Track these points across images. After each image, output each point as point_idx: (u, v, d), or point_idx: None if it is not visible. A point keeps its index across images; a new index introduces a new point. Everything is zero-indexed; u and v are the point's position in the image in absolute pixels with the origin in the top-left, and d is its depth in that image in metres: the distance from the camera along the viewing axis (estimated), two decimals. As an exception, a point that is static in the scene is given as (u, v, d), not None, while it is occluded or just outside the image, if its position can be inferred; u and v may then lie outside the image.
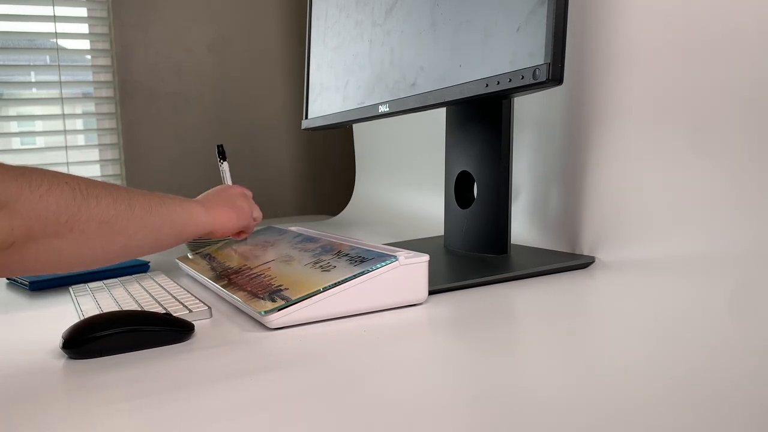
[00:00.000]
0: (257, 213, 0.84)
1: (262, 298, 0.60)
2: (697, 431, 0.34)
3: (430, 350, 0.50)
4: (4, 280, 0.87)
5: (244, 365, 0.48)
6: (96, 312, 0.62)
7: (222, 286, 0.68)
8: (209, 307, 0.63)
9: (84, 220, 0.54)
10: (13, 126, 1.55)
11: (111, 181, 1.59)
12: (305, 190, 1.80)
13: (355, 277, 0.59)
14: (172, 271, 0.90)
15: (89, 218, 0.55)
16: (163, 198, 0.65)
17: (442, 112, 1.17)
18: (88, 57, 1.57)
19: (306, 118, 1.20)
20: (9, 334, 0.59)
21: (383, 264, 0.60)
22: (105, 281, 0.78)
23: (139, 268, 0.89)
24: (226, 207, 0.76)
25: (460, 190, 0.88)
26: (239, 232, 0.82)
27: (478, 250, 0.84)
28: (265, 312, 0.56)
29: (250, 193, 0.84)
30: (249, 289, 0.65)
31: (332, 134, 1.79)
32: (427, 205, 1.22)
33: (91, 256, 0.57)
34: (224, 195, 0.79)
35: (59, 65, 1.51)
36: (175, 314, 0.57)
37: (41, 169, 0.55)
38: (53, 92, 1.52)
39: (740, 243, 0.65)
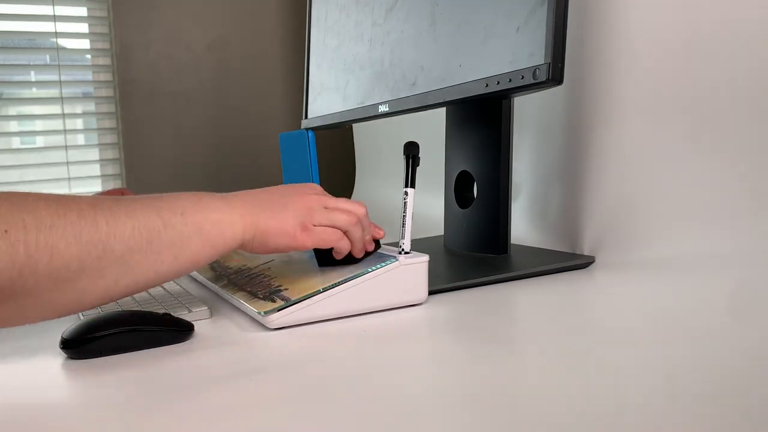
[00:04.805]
0: (354, 234, 0.60)
1: (262, 298, 0.60)
2: (697, 431, 0.34)
3: (430, 350, 0.50)
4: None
5: (244, 365, 0.48)
6: (96, 312, 0.62)
7: (221, 286, 0.68)
8: (209, 307, 0.63)
9: (30, 284, 0.42)
10: (13, 125, 1.55)
11: (111, 182, 1.59)
12: (305, 189, 1.79)
13: (355, 277, 0.59)
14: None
15: (38, 282, 0.43)
16: (167, 214, 0.49)
17: (442, 112, 1.17)
18: (88, 56, 1.57)
19: (306, 118, 1.20)
20: (9, 334, 0.59)
21: (383, 264, 0.60)
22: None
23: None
24: (275, 213, 0.56)
25: (460, 190, 0.88)
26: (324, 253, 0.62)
27: (478, 250, 0.84)
28: (265, 312, 0.56)
29: (335, 201, 0.60)
30: (249, 289, 0.64)
31: (332, 134, 1.79)
32: (427, 205, 1.22)
33: (53, 314, 0.47)
34: (281, 194, 0.58)
35: (59, 65, 1.51)
36: (174, 314, 0.57)
37: None
38: (53, 92, 1.52)
39: (741, 242, 0.65)
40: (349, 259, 0.62)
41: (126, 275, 0.48)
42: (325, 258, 0.64)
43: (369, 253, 0.63)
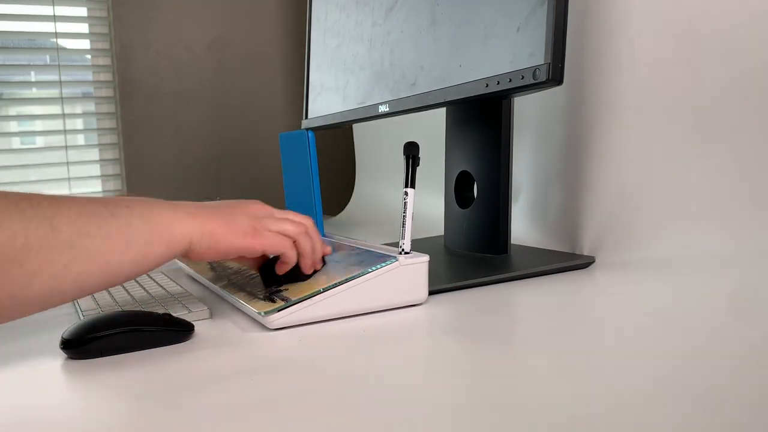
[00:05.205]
0: (303, 244, 0.59)
1: (262, 299, 0.60)
2: (697, 431, 0.34)
3: (430, 350, 0.50)
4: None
5: (244, 365, 0.48)
6: (96, 312, 0.62)
7: (222, 287, 0.68)
8: (209, 308, 0.63)
9: None
10: (13, 126, 1.55)
11: (111, 181, 1.59)
12: (305, 189, 1.79)
13: (355, 277, 0.59)
14: (172, 271, 0.90)
15: None
16: (113, 206, 0.48)
17: (442, 112, 1.17)
18: (88, 57, 1.57)
19: (306, 118, 1.20)
20: (9, 334, 0.59)
21: (383, 264, 0.60)
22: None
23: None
24: (224, 216, 0.55)
25: (460, 190, 0.88)
26: (264, 259, 0.62)
27: (478, 250, 0.84)
28: (265, 312, 0.56)
29: (285, 214, 0.60)
30: (249, 289, 0.64)
31: (332, 134, 1.79)
32: (427, 205, 1.22)
33: None
34: (227, 204, 0.59)
35: (59, 65, 1.51)
36: (174, 314, 0.57)
37: None
38: (53, 92, 1.52)
39: (741, 242, 0.65)
40: (296, 277, 0.61)
41: (76, 261, 0.44)
42: (271, 277, 0.62)
43: (316, 271, 0.62)
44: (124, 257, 0.47)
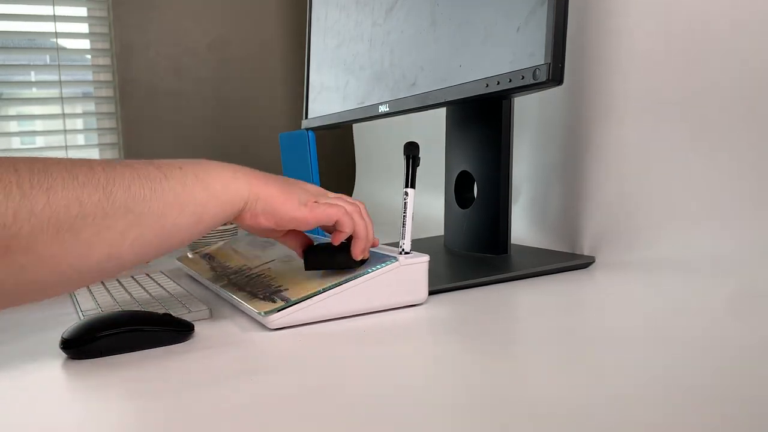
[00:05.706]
0: (358, 222, 0.58)
1: (262, 299, 0.60)
2: (696, 431, 0.34)
3: (430, 350, 0.50)
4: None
5: (244, 365, 0.48)
6: (96, 312, 0.62)
7: (222, 286, 0.68)
8: (209, 308, 0.63)
9: (26, 231, 0.39)
10: (13, 125, 1.55)
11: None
12: (305, 189, 1.79)
13: (355, 277, 0.59)
14: (171, 271, 0.90)
15: (36, 230, 0.39)
16: (166, 168, 0.47)
17: (442, 112, 1.17)
18: (88, 57, 1.57)
19: (306, 118, 1.20)
20: (9, 333, 0.59)
21: (383, 264, 0.60)
22: (104, 281, 0.78)
23: (139, 268, 0.89)
24: (282, 184, 0.55)
25: (460, 190, 0.88)
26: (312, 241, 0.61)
27: (478, 250, 0.84)
28: (265, 312, 0.56)
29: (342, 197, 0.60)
30: (249, 289, 0.64)
31: (332, 134, 1.79)
32: (427, 205, 1.22)
33: (58, 278, 0.42)
34: (282, 178, 0.58)
35: (59, 65, 1.51)
36: (174, 314, 0.57)
37: None
38: (53, 92, 1.52)
39: (741, 242, 0.65)
40: (343, 263, 0.60)
41: (132, 226, 0.44)
42: (314, 259, 0.61)
43: (362, 261, 0.61)
44: (180, 219, 0.47)
